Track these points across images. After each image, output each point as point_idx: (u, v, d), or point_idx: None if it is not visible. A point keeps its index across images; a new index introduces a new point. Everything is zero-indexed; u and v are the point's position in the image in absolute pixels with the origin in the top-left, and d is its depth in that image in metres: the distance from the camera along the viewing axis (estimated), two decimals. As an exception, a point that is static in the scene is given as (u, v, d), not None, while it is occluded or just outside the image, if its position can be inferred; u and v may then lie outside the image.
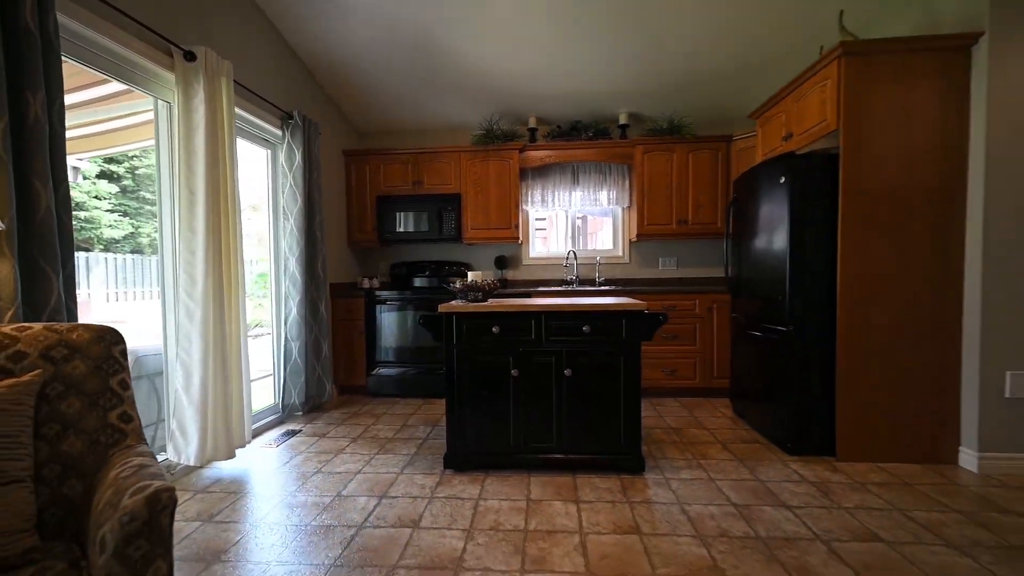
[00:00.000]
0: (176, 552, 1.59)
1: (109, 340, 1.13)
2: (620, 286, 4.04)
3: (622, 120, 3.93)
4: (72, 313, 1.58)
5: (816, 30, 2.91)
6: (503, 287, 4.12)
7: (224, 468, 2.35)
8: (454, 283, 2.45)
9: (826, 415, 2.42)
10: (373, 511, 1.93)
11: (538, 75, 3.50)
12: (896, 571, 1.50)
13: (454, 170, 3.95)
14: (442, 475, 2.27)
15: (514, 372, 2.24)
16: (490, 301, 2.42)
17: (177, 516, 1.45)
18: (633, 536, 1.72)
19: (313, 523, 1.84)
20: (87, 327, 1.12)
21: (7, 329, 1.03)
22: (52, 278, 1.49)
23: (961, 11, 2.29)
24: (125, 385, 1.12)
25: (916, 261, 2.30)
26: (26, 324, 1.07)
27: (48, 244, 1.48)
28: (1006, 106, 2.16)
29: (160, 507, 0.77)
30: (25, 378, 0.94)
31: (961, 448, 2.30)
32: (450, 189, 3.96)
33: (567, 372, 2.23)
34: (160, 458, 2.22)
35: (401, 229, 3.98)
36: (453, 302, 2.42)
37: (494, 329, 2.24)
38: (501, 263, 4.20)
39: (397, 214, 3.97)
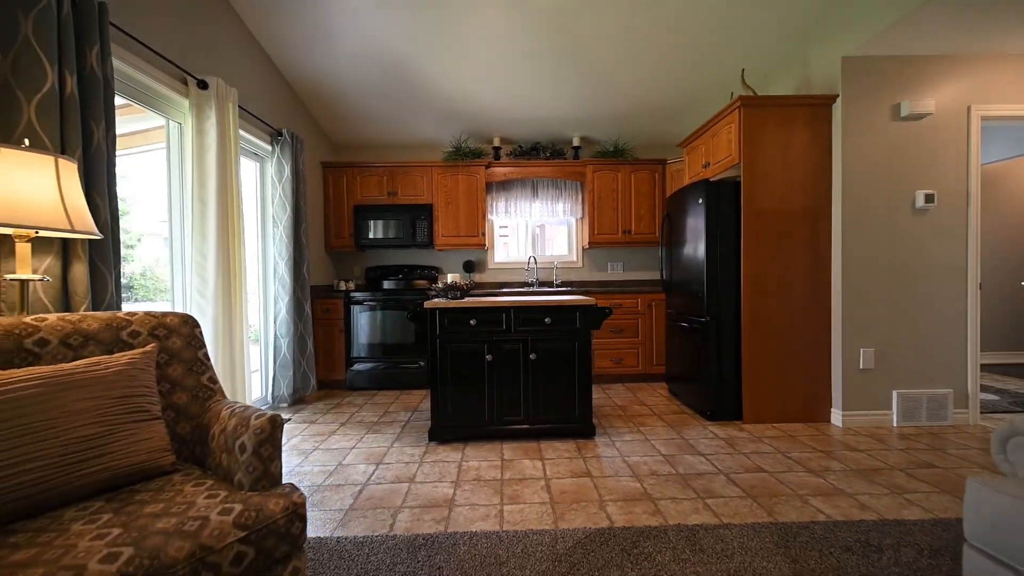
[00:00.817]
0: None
1: (191, 323, 1.48)
2: (575, 287, 4.59)
3: (575, 142, 4.51)
4: (119, 307, 1.86)
5: (728, 79, 3.61)
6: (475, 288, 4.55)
7: (228, 450, 2.62)
8: (436, 284, 2.86)
9: (735, 388, 3.05)
10: (373, 474, 2.31)
11: (502, 101, 3.99)
12: (770, 487, 2.09)
13: (427, 183, 4.35)
14: (427, 446, 2.67)
15: (488, 357, 2.69)
16: (466, 299, 2.86)
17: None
18: (585, 479, 2.22)
19: (323, 484, 2.20)
20: (175, 314, 1.46)
21: (122, 314, 1.36)
22: (108, 277, 1.78)
23: (827, 76, 3.02)
24: (207, 357, 1.46)
25: (797, 265, 2.99)
26: (132, 311, 1.40)
27: (105, 250, 1.77)
28: (854, 151, 2.89)
29: (277, 424, 1.15)
30: (148, 348, 1.29)
31: (832, 409, 2.99)
32: (423, 200, 4.35)
33: (532, 356, 2.71)
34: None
35: (377, 236, 4.32)
36: (435, 299, 2.84)
37: (472, 321, 2.68)
38: (469, 267, 4.63)
39: (373, 222, 4.31)
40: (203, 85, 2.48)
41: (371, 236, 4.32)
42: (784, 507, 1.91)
